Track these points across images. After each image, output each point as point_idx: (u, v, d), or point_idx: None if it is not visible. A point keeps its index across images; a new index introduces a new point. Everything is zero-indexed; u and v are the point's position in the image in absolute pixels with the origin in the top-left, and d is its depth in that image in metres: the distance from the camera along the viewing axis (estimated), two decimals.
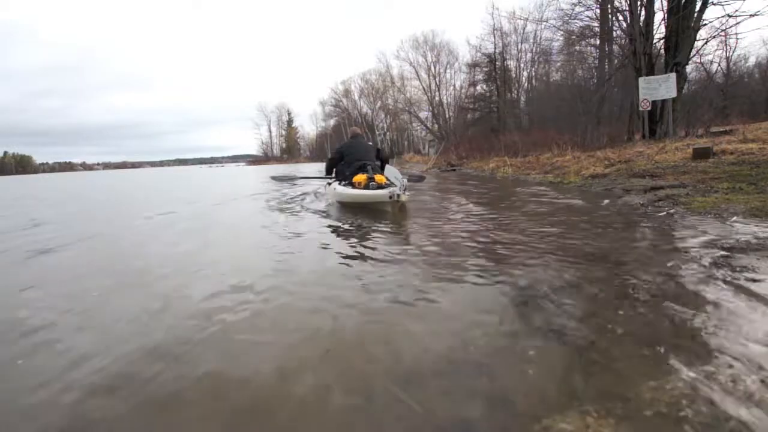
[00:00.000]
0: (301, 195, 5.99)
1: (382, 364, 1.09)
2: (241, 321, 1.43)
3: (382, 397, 0.95)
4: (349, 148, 4.67)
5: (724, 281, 1.49)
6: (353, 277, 1.88)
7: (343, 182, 4.37)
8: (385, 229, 3.01)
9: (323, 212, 4.06)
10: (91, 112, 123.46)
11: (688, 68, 9.80)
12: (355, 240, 2.71)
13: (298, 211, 4.29)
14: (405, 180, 3.89)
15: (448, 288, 1.65)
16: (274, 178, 6.53)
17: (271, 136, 54.99)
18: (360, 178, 4.08)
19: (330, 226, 3.28)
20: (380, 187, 3.82)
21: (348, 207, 4.10)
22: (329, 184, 4.83)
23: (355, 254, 2.31)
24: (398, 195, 3.44)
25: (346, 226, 3.25)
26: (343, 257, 2.26)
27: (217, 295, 1.68)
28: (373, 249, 2.38)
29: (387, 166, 4.58)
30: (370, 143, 4.90)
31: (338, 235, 2.95)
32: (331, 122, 45.09)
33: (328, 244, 2.62)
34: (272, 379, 1.06)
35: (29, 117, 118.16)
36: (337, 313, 1.45)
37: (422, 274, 1.84)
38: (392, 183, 3.81)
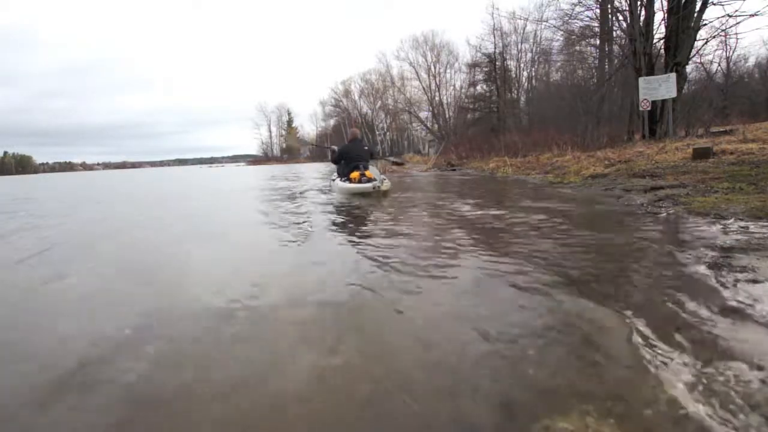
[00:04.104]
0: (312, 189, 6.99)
1: (380, 363, 1.09)
2: (240, 318, 1.43)
3: (380, 396, 0.95)
4: (347, 149, 6.00)
5: (724, 281, 1.49)
6: (352, 275, 1.88)
7: (343, 178, 5.79)
8: (386, 229, 3.02)
9: (329, 204, 4.95)
10: (91, 113, 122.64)
11: (688, 68, 9.81)
12: (357, 240, 2.72)
13: (316, 204, 5.04)
14: (383, 176, 5.87)
15: (447, 287, 1.65)
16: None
17: (271, 136, 54.84)
18: (355, 174, 5.53)
19: (333, 224, 3.31)
20: (369, 180, 5.42)
21: (348, 196, 5.33)
22: (333, 180, 6.25)
23: (355, 254, 2.31)
24: (378, 186, 5.25)
25: (349, 226, 3.29)
26: (343, 257, 2.26)
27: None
28: (373, 249, 2.38)
29: (371, 167, 5.93)
30: (366, 147, 6.17)
31: (340, 235, 2.95)
32: (331, 122, 45.14)
33: (332, 243, 2.63)
34: (270, 378, 1.06)
35: (30, 118, 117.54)
36: (335, 311, 1.45)
37: (422, 273, 1.84)
38: (375, 178, 5.53)
